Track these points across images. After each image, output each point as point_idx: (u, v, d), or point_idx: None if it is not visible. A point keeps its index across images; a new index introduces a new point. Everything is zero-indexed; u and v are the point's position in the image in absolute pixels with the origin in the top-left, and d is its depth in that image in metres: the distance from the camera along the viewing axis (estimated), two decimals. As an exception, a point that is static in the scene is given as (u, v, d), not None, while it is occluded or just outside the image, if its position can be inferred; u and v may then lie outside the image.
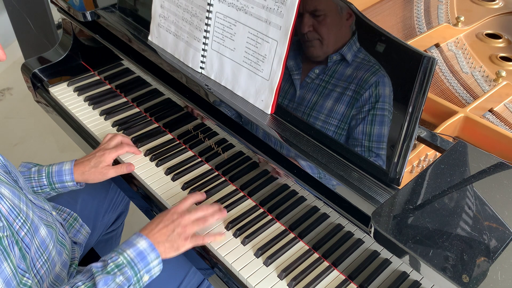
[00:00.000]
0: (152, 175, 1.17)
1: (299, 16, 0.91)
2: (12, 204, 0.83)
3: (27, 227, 0.85)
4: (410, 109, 0.81)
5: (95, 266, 0.87)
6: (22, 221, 0.84)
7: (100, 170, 1.13)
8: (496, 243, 0.71)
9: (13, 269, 0.77)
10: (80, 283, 0.84)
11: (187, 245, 0.94)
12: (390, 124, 0.85)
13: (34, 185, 1.10)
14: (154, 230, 0.93)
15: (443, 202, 0.76)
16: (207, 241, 0.98)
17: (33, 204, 0.93)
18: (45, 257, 0.91)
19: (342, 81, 0.90)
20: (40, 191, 1.11)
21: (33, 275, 0.87)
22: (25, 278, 0.80)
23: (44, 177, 1.10)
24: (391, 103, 0.84)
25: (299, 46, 0.95)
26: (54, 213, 1.03)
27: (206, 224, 0.98)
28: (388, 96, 0.84)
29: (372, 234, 0.74)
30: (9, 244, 0.78)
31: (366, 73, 0.86)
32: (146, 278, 0.89)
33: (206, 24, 1.06)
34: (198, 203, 1.08)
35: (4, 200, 0.81)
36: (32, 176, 1.10)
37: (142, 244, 0.90)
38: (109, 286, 0.84)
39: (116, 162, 1.21)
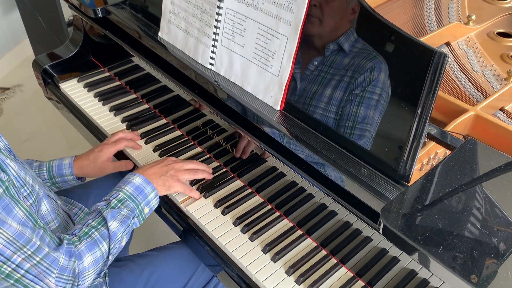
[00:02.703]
0: (161, 171, 1.17)
1: None
2: (18, 175, 0.85)
3: (32, 199, 0.87)
4: (421, 106, 0.80)
5: (100, 204, 0.93)
6: (28, 191, 0.86)
7: (99, 165, 1.15)
8: (506, 241, 0.70)
9: (25, 212, 0.80)
10: (90, 221, 0.91)
11: (177, 187, 1.03)
12: (378, 110, 0.86)
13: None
14: (149, 169, 1.02)
15: (452, 200, 0.76)
16: (193, 194, 1.07)
17: (40, 183, 0.95)
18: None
19: (340, 69, 0.91)
20: None
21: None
22: (39, 220, 0.83)
23: (44, 171, 1.12)
24: (384, 88, 0.85)
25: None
26: (59, 202, 1.04)
27: (195, 176, 1.08)
28: (381, 82, 0.85)
29: (381, 231, 0.74)
30: (16, 193, 0.81)
31: (363, 60, 0.87)
32: (146, 210, 0.98)
33: (216, 20, 1.06)
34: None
35: (10, 168, 0.83)
36: (33, 171, 1.11)
37: (137, 180, 0.98)
38: (116, 219, 0.91)
39: (125, 157, 1.22)
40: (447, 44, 1.34)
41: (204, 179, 1.14)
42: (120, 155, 1.23)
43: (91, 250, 0.86)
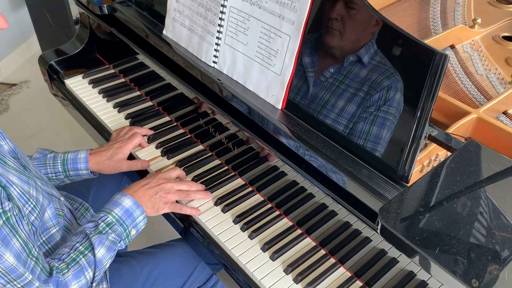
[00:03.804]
0: (163, 168, 1.18)
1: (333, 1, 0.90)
2: (22, 190, 0.85)
3: (36, 212, 0.88)
4: (421, 107, 0.80)
5: (88, 227, 0.93)
6: (32, 206, 0.86)
7: (115, 162, 1.15)
8: (506, 244, 0.70)
9: (21, 243, 0.80)
10: (78, 245, 0.90)
11: (166, 209, 1.02)
12: (391, 129, 0.85)
13: (49, 171, 1.12)
14: (139, 190, 1.00)
15: (452, 201, 0.76)
16: (184, 211, 1.05)
17: (42, 190, 0.95)
18: (44, 238, 0.94)
19: (356, 82, 0.90)
20: (54, 177, 1.13)
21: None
22: (33, 250, 0.84)
23: (59, 164, 1.12)
24: (398, 109, 0.84)
25: (316, 43, 0.95)
26: (62, 198, 1.05)
27: (187, 197, 1.05)
28: (397, 101, 0.84)
29: (379, 230, 0.74)
30: (16, 221, 0.81)
31: (380, 76, 0.86)
32: (133, 232, 0.97)
33: (220, 19, 1.07)
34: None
35: (14, 186, 0.83)
36: (47, 162, 1.12)
37: (127, 202, 0.97)
38: (103, 245, 0.91)
39: (131, 157, 1.22)
40: (452, 46, 1.34)
41: (204, 177, 1.14)
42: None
43: (77, 278, 0.87)
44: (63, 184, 1.19)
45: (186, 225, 1.10)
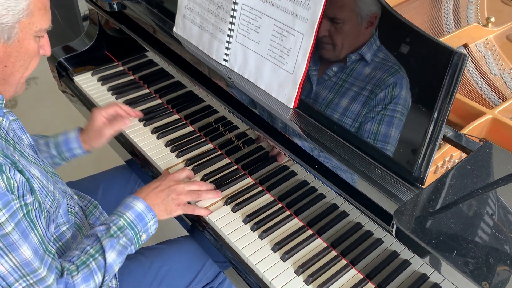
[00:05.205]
0: (172, 167, 1.17)
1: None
2: (41, 184, 0.86)
3: (54, 207, 0.89)
4: (438, 107, 0.79)
5: (99, 230, 0.92)
6: (51, 200, 0.88)
7: (97, 130, 1.15)
8: (523, 247, 0.69)
9: (39, 238, 0.81)
10: (88, 248, 0.90)
11: (179, 211, 1.01)
12: (399, 126, 0.84)
13: (44, 156, 1.13)
14: (151, 193, 1.00)
15: (468, 203, 0.74)
16: (197, 213, 1.04)
17: (57, 186, 0.96)
18: (55, 236, 0.94)
19: (359, 80, 0.89)
20: (50, 161, 1.14)
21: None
22: (49, 245, 0.85)
23: (52, 148, 1.14)
24: (405, 105, 0.83)
25: (319, 42, 0.93)
26: (75, 197, 1.05)
27: (198, 198, 1.04)
28: (403, 99, 0.83)
29: (393, 233, 0.73)
30: (36, 216, 0.82)
31: (385, 74, 0.85)
32: (144, 237, 0.97)
33: (232, 16, 1.06)
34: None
35: (35, 180, 0.84)
36: (41, 148, 1.13)
37: (139, 206, 0.96)
38: (114, 248, 0.90)
39: (145, 160, 1.22)
40: (465, 46, 1.32)
41: (214, 176, 1.13)
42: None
43: (86, 282, 0.86)
44: (70, 182, 1.19)
45: (197, 225, 1.09)
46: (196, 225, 1.09)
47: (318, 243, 0.99)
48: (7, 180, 0.76)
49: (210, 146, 1.22)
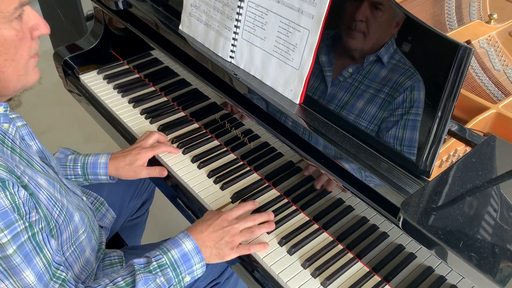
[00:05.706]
0: (179, 162, 1.18)
1: (358, 1, 0.88)
2: (49, 194, 0.83)
3: (63, 216, 0.86)
4: (444, 102, 0.80)
5: (138, 262, 0.86)
6: (59, 209, 0.85)
7: (134, 168, 1.13)
8: (529, 238, 0.70)
9: (45, 263, 0.77)
10: (119, 279, 0.84)
11: (233, 255, 0.94)
12: (418, 128, 0.84)
13: (69, 173, 1.12)
14: (204, 232, 0.92)
15: (474, 195, 0.75)
16: (253, 251, 0.95)
17: (67, 190, 0.94)
18: (75, 245, 0.92)
19: (376, 82, 0.88)
20: (73, 179, 1.13)
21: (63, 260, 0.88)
22: (59, 271, 0.80)
23: (79, 167, 1.12)
24: (424, 108, 0.83)
25: (334, 41, 0.94)
26: (84, 198, 1.05)
27: (252, 236, 0.96)
28: (422, 101, 0.83)
29: (400, 224, 0.74)
30: (43, 239, 0.78)
31: (402, 77, 0.85)
32: (188, 279, 0.89)
33: (238, 13, 1.07)
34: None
35: (43, 190, 0.82)
36: (68, 164, 1.12)
37: (187, 245, 0.89)
38: (148, 286, 0.83)
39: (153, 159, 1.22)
40: (468, 42, 1.33)
41: (221, 171, 1.14)
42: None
43: None
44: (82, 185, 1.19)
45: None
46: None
47: (325, 237, 1.00)
48: (11, 197, 0.72)
49: (216, 142, 1.23)
